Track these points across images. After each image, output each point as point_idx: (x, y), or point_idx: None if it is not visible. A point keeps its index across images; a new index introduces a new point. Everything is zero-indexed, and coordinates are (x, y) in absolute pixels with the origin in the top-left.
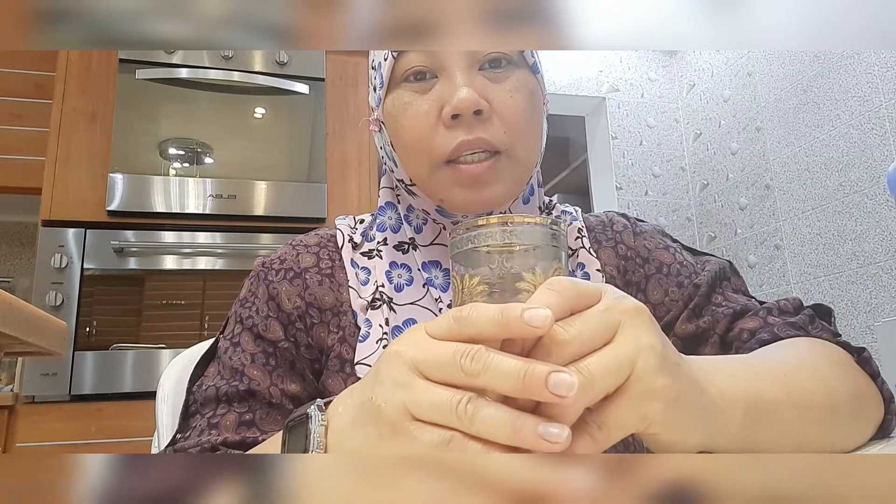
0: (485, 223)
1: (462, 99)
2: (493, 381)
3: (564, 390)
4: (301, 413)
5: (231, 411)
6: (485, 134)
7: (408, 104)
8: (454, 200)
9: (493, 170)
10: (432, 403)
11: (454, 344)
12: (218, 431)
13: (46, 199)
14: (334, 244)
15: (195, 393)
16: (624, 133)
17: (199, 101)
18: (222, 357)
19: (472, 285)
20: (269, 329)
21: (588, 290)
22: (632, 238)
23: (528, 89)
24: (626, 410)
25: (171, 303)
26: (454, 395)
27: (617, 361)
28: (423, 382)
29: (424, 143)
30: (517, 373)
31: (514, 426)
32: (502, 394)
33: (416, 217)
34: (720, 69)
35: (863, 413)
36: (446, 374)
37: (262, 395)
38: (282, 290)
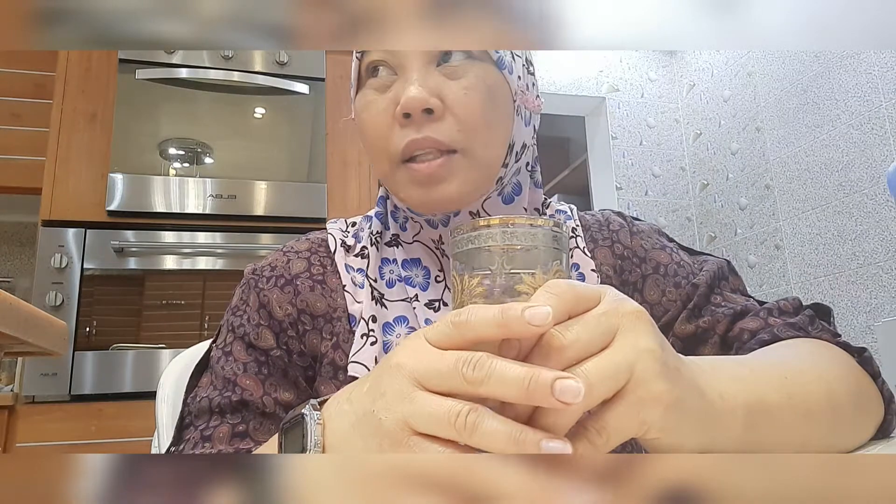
0: (486, 224)
1: (410, 98)
2: (496, 389)
3: (571, 397)
4: (296, 414)
5: (224, 423)
6: (435, 133)
7: (369, 103)
8: (411, 200)
9: (446, 168)
10: (432, 416)
11: (455, 353)
12: (212, 444)
13: (46, 199)
14: (326, 249)
15: (189, 405)
16: (624, 133)
17: (199, 101)
18: (215, 367)
19: (472, 286)
20: (260, 337)
21: (587, 294)
22: (629, 237)
23: (487, 85)
24: (625, 415)
25: (171, 303)
26: (454, 407)
27: (615, 366)
28: (423, 395)
29: (382, 142)
30: (521, 381)
31: (517, 440)
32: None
33: (400, 213)
34: (720, 69)
35: (864, 413)
36: (448, 385)
37: (255, 404)
38: (273, 297)
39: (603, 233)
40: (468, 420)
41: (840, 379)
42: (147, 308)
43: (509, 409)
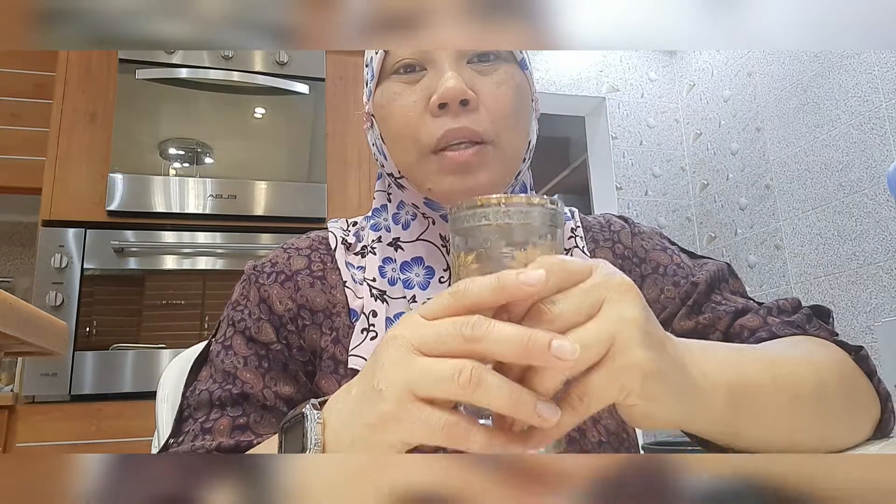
0: (485, 201)
1: (449, 87)
2: (494, 346)
3: (568, 354)
4: (296, 413)
5: (224, 415)
6: (471, 123)
7: (397, 94)
8: (441, 188)
9: (479, 157)
10: (434, 377)
11: (452, 318)
12: (212, 436)
13: (46, 199)
14: (326, 246)
15: (188, 398)
16: (624, 133)
17: (199, 101)
18: (214, 361)
19: (468, 262)
20: (261, 331)
21: (577, 268)
22: (629, 238)
23: (516, 83)
24: (605, 381)
25: (171, 303)
26: (457, 364)
27: (597, 335)
28: (423, 359)
29: (412, 131)
30: (520, 338)
31: (515, 399)
32: (501, 360)
33: (405, 213)
34: (720, 69)
35: (857, 408)
36: (447, 346)
37: (256, 397)
38: (273, 292)
39: (604, 234)
40: (472, 375)
41: (830, 370)
42: (147, 308)
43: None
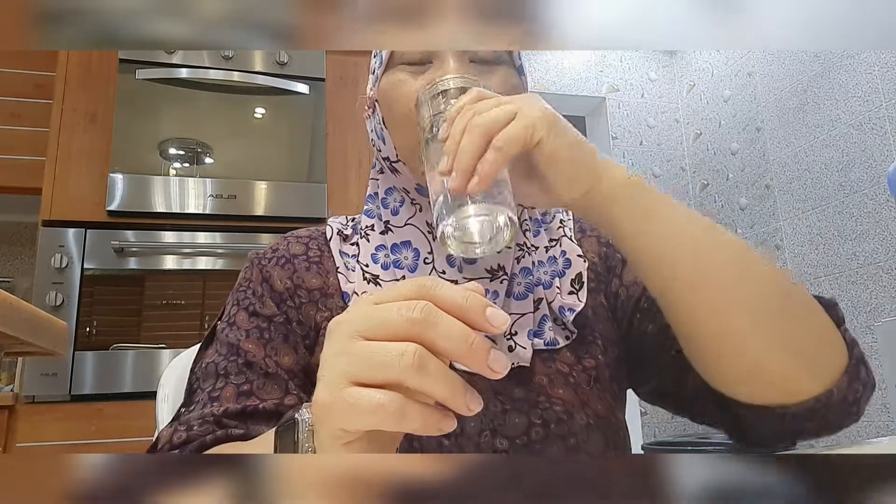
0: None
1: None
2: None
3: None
4: (289, 418)
5: (229, 384)
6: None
7: (401, 81)
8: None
9: None
10: (372, 361)
11: (399, 302)
12: (220, 403)
13: (46, 199)
14: (324, 236)
15: (196, 371)
16: (624, 133)
17: (199, 101)
18: (220, 336)
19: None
20: (264, 306)
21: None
22: None
23: (513, 84)
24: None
25: (171, 303)
26: (398, 346)
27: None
28: (363, 343)
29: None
30: (465, 334)
31: (454, 387)
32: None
33: (393, 200)
34: (720, 69)
35: (824, 332)
36: (390, 330)
37: (258, 365)
38: (274, 273)
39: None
40: (416, 357)
41: (801, 289)
42: (147, 308)
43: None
